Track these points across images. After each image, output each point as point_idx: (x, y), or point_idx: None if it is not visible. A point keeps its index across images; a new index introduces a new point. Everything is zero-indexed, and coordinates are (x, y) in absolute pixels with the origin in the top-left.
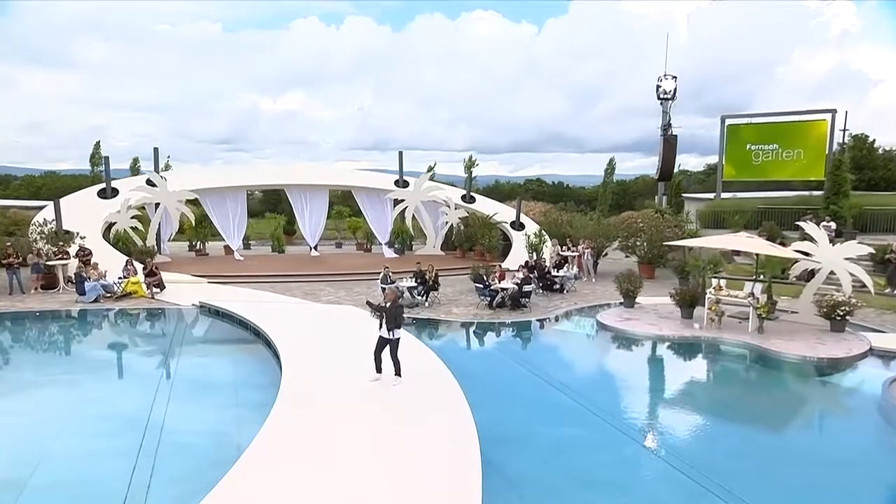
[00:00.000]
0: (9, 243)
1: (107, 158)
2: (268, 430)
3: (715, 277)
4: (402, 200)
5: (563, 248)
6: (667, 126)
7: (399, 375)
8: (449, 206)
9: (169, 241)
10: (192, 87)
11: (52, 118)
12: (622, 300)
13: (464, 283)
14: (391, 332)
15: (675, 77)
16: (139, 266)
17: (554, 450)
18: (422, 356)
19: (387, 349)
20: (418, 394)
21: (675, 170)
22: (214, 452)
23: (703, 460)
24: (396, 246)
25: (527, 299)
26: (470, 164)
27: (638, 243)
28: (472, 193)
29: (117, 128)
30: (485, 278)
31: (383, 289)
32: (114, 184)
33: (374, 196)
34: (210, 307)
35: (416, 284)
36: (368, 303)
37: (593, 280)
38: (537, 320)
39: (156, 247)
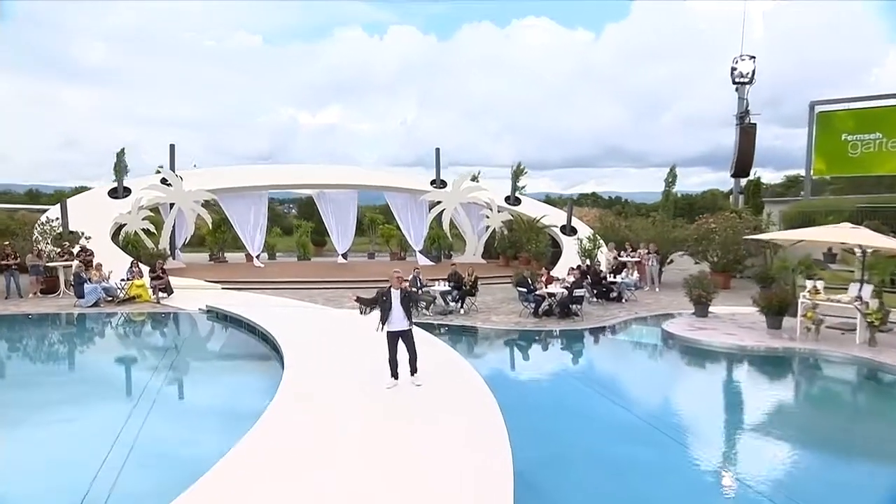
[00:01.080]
0: (7, 242)
1: (119, 154)
2: (256, 432)
3: (810, 279)
4: (439, 202)
5: (622, 252)
6: (743, 114)
7: (417, 372)
8: (491, 209)
9: (184, 245)
10: (231, 101)
11: (89, 135)
12: (692, 310)
13: (506, 292)
14: (408, 322)
15: (754, 57)
16: (145, 268)
17: (612, 472)
18: (451, 364)
19: (401, 347)
20: (441, 399)
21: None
22: (187, 465)
23: (805, 496)
24: (433, 253)
25: (578, 306)
26: (518, 172)
27: (710, 248)
28: (517, 195)
29: (154, 144)
30: (529, 282)
31: (414, 292)
32: (127, 183)
33: (408, 198)
34: (218, 311)
35: (450, 289)
36: (359, 298)
37: (657, 289)
38: (590, 329)
39: (168, 251)
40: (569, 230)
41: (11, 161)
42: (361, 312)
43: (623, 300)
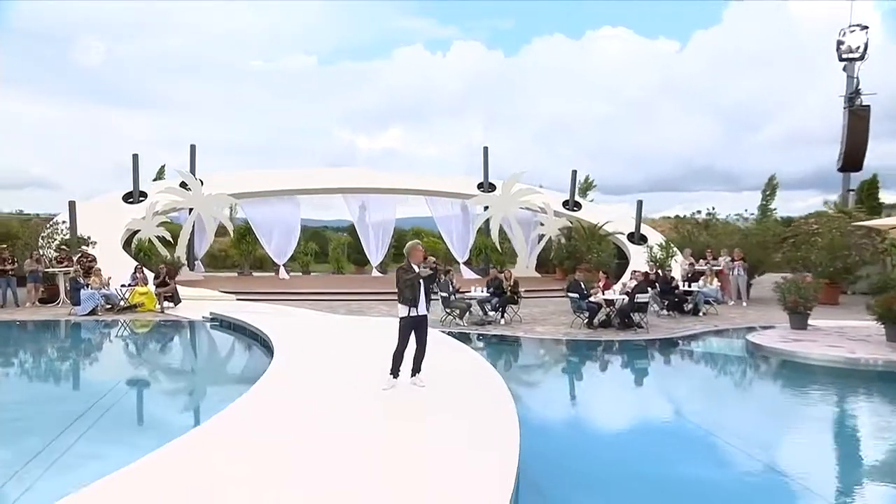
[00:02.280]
0: (4, 246)
1: (135, 156)
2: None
3: None
4: (487, 208)
5: (701, 260)
6: (853, 94)
7: (421, 371)
8: (546, 214)
9: (203, 254)
10: (285, 124)
11: (141, 162)
12: (788, 324)
13: (559, 305)
14: (427, 307)
15: (866, 28)
16: (151, 275)
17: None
18: (472, 370)
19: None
20: (445, 404)
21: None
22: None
23: None
24: (479, 265)
25: (641, 315)
26: (586, 187)
27: (813, 253)
28: (577, 199)
29: (206, 169)
30: (582, 287)
31: (445, 297)
32: (144, 187)
33: (452, 204)
34: (221, 318)
35: (488, 295)
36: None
37: (744, 304)
38: (653, 340)
39: (182, 259)
40: (637, 238)
41: (62, 189)
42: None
43: (700, 313)
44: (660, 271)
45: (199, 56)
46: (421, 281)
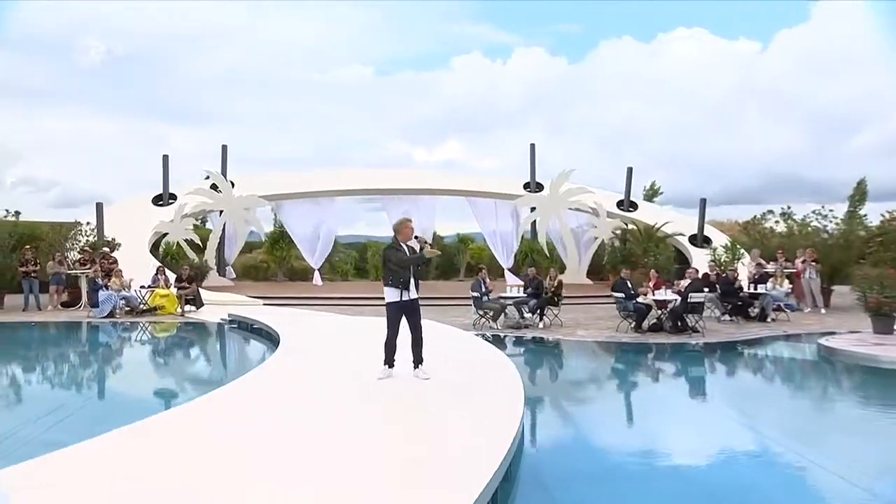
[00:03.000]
0: (27, 247)
1: (165, 157)
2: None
3: None
4: (535, 209)
5: (771, 263)
6: None
7: (422, 363)
8: (599, 216)
9: (234, 259)
10: (338, 137)
11: (193, 176)
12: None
13: (609, 310)
14: (416, 290)
15: None
16: (173, 276)
17: None
18: (487, 366)
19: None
20: (446, 398)
21: None
22: None
23: None
24: (527, 272)
25: (697, 318)
26: (652, 194)
27: None
28: (633, 200)
29: (258, 185)
30: (629, 286)
31: (477, 298)
32: (174, 189)
33: (496, 205)
34: (239, 320)
35: (526, 297)
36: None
37: (822, 310)
38: (710, 344)
39: (211, 263)
40: (700, 240)
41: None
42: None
43: (768, 319)
44: (720, 271)
45: (250, 69)
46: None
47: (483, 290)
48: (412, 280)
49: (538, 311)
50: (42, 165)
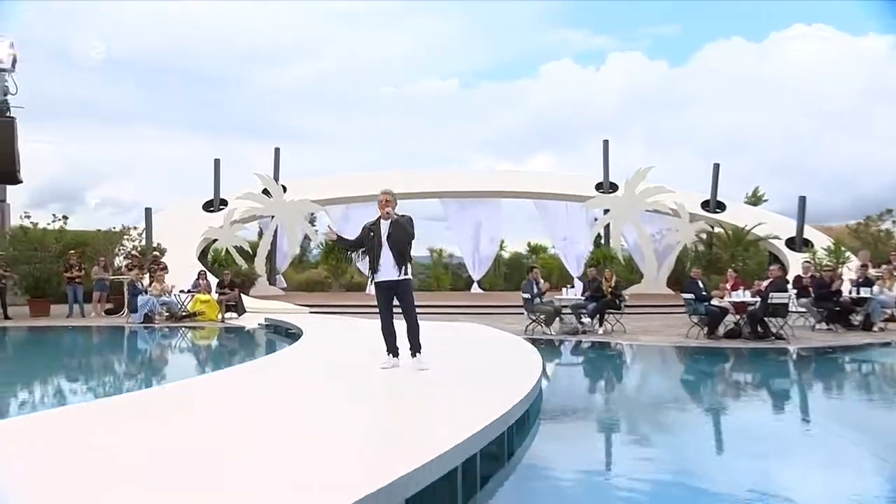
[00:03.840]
0: (72, 251)
1: (217, 161)
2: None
3: None
4: (608, 212)
5: (883, 266)
6: None
7: (420, 351)
8: (680, 217)
9: (285, 268)
10: (418, 153)
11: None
12: None
13: (686, 319)
14: (401, 270)
15: None
16: (214, 280)
17: None
18: (509, 365)
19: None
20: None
21: None
22: None
23: None
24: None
25: (781, 322)
26: (755, 201)
27: None
28: (720, 200)
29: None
30: (701, 285)
31: (528, 300)
32: (225, 194)
33: (566, 209)
34: (275, 324)
35: (584, 300)
36: (339, 238)
37: None
38: (802, 350)
39: (260, 271)
40: (799, 244)
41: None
42: (348, 258)
43: (874, 328)
44: (815, 272)
45: (327, 85)
46: (383, 238)
47: (535, 291)
48: (380, 260)
49: (597, 316)
50: (126, 187)
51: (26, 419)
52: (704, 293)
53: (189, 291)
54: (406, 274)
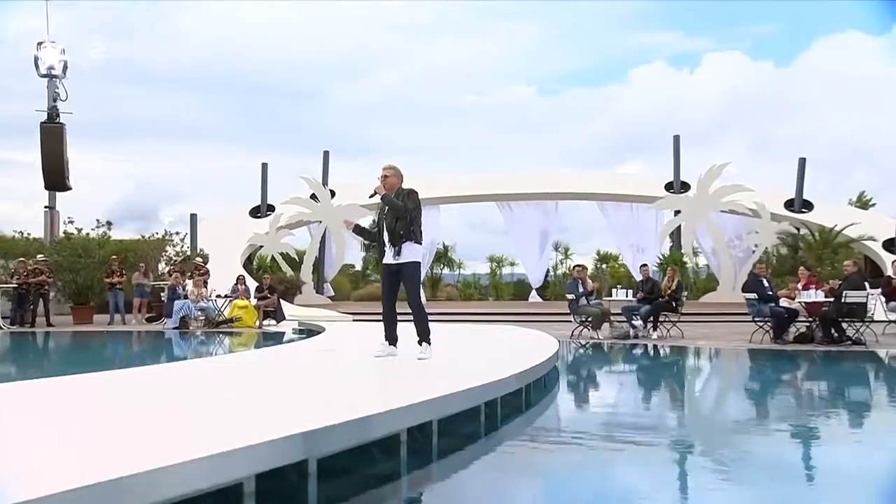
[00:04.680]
0: (114, 257)
1: (265, 165)
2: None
3: None
4: (678, 213)
5: None
6: None
7: (428, 342)
8: (761, 218)
9: (333, 276)
10: (497, 163)
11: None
12: None
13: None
14: (397, 253)
15: None
16: (254, 285)
17: None
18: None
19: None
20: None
21: None
22: None
23: None
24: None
25: (858, 327)
26: (861, 205)
27: None
28: (807, 199)
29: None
30: (765, 284)
31: (573, 301)
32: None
33: (633, 210)
34: (306, 327)
35: (636, 302)
36: (357, 227)
37: None
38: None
39: (305, 279)
40: None
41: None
42: (364, 249)
43: None
44: None
45: (405, 96)
46: (383, 219)
47: (581, 291)
48: (388, 239)
49: (650, 318)
50: (198, 204)
51: None
52: (770, 293)
53: (226, 297)
54: (404, 257)
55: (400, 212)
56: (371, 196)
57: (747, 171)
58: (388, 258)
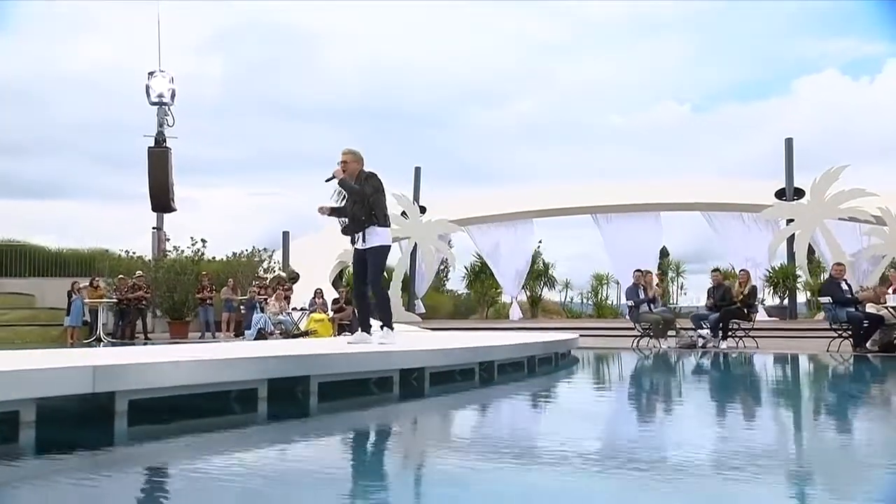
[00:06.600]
0: (204, 273)
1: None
2: None
3: None
4: (791, 222)
5: None
6: None
7: (390, 328)
8: (887, 225)
9: (424, 293)
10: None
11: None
12: None
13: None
14: (363, 239)
15: None
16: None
17: None
18: None
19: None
20: None
21: None
22: None
23: None
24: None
25: None
26: None
27: None
28: None
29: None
30: (844, 287)
31: (633, 307)
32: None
33: (744, 219)
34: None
35: (706, 310)
36: (323, 208)
37: None
38: None
39: (395, 294)
40: None
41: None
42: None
43: None
44: None
45: (545, 119)
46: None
47: (641, 298)
48: (352, 225)
49: (719, 327)
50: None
51: None
52: (849, 296)
53: (303, 310)
54: (369, 242)
55: (357, 195)
56: (327, 181)
57: None
58: (358, 244)
